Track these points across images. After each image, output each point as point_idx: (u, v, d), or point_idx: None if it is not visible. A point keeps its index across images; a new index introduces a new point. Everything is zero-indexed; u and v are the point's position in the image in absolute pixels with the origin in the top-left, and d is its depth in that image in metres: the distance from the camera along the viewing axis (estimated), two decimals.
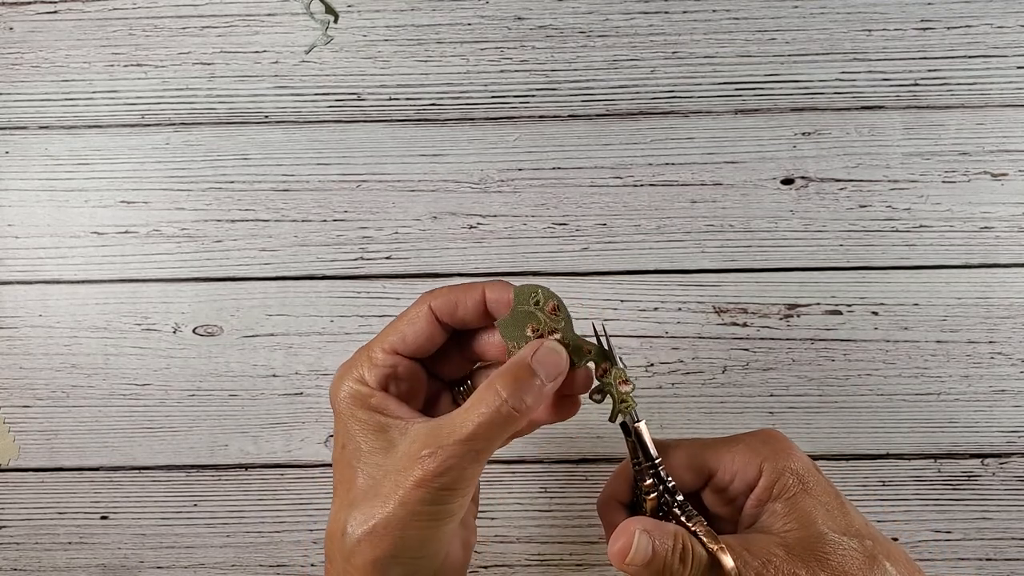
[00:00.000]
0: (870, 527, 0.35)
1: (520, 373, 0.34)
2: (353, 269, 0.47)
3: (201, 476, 0.48)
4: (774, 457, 0.35)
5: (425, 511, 0.33)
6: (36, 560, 0.48)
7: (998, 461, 0.47)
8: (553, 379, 0.34)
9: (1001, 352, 0.46)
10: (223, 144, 0.48)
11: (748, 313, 0.47)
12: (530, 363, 0.34)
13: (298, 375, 0.47)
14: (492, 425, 0.33)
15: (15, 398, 0.48)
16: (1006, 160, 0.47)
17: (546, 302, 0.36)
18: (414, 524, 0.33)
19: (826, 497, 0.35)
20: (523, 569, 0.47)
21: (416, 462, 0.33)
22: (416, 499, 0.33)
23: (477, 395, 0.34)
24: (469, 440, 0.33)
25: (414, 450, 0.33)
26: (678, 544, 0.33)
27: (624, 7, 0.47)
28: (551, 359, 0.34)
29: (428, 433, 0.33)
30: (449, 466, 0.32)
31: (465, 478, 0.33)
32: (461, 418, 0.33)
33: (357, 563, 0.33)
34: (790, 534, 0.34)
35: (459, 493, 0.33)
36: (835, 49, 0.47)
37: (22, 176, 0.48)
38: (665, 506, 0.35)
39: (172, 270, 0.48)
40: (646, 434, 0.36)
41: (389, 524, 0.33)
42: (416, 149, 0.47)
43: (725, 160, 0.47)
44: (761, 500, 0.35)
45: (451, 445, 0.33)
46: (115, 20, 0.48)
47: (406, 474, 0.33)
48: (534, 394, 0.33)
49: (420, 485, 0.33)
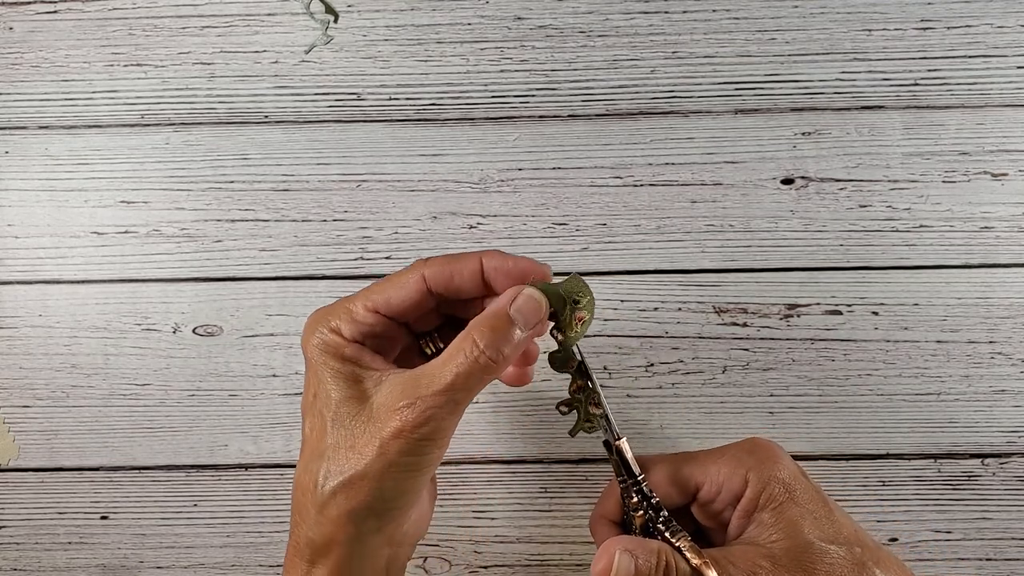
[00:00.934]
0: (860, 533, 0.34)
1: (498, 323, 0.33)
2: (353, 269, 0.47)
3: (201, 476, 0.48)
4: (759, 467, 0.35)
5: (403, 462, 0.33)
6: (36, 560, 0.48)
7: (998, 461, 0.47)
8: (531, 327, 0.34)
9: (1001, 352, 0.46)
10: (223, 144, 0.48)
11: (748, 313, 0.47)
12: (508, 312, 0.34)
13: (298, 375, 0.47)
14: (470, 375, 0.33)
15: (15, 398, 0.48)
16: (1006, 160, 0.47)
17: (582, 308, 0.36)
18: (391, 475, 0.33)
19: (813, 505, 0.34)
20: (523, 569, 0.47)
21: (394, 413, 0.33)
22: (395, 450, 0.32)
23: (455, 345, 0.33)
24: (448, 390, 0.32)
25: (391, 401, 0.33)
26: (661, 561, 0.33)
27: (624, 7, 0.47)
28: (530, 306, 0.34)
29: (405, 384, 0.33)
30: (428, 416, 0.32)
31: (444, 428, 0.33)
32: (439, 369, 0.33)
33: (331, 514, 0.33)
34: (776, 544, 0.33)
35: (437, 444, 0.33)
36: (835, 49, 0.47)
37: (22, 176, 0.48)
38: (650, 522, 0.35)
39: (172, 270, 0.48)
40: (628, 452, 0.36)
41: (366, 475, 0.33)
42: (416, 149, 0.47)
43: (725, 160, 0.47)
44: (747, 511, 0.35)
45: (430, 396, 0.32)
46: (115, 20, 0.48)
47: (383, 425, 0.33)
48: (512, 344, 0.33)
49: (398, 436, 0.32)
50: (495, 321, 0.33)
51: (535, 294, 0.34)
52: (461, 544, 0.47)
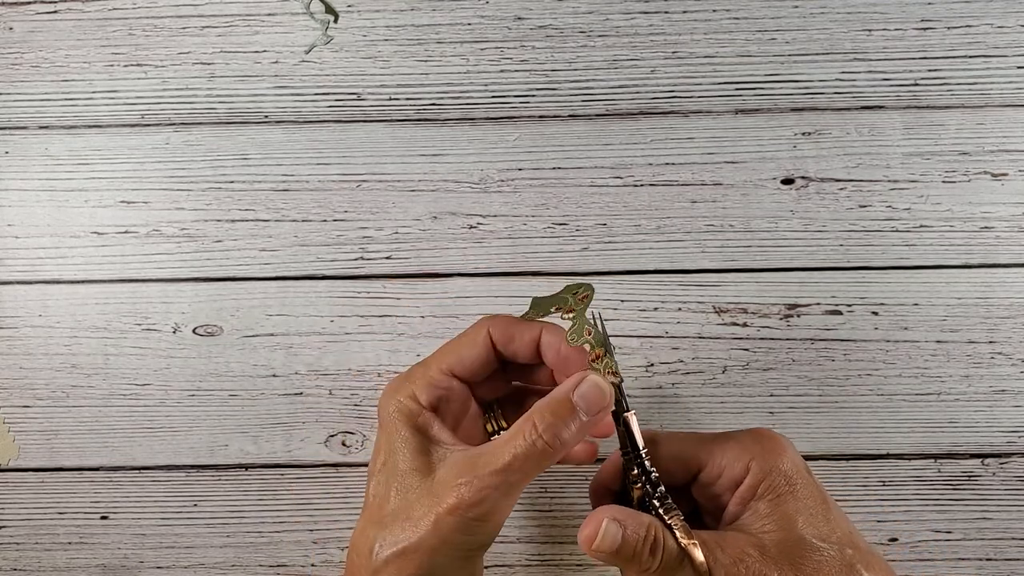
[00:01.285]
0: (854, 536, 0.34)
1: (560, 409, 0.34)
2: (353, 269, 0.47)
3: (201, 476, 0.48)
4: (763, 456, 0.35)
5: (456, 540, 0.33)
6: (36, 560, 0.48)
7: (998, 461, 0.47)
8: (594, 414, 0.34)
9: (1001, 352, 0.46)
10: (223, 144, 0.48)
11: (748, 313, 0.47)
12: (571, 398, 0.34)
13: (298, 375, 0.47)
14: (527, 459, 0.33)
15: (15, 398, 0.48)
16: (1006, 160, 0.47)
17: (583, 291, 0.36)
18: (443, 551, 0.33)
19: (811, 501, 0.34)
20: (523, 569, 0.47)
21: (452, 489, 0.33)
22: (448, 526, 0.33)
23: (516, 427, 0.34)
24: (503, 471, 0.33)
25: (451, 477, 0.33)
26: (650, 535, 0.33)
27: (624, 7, 0.47)
28: (593, 394, 0.34)
29: (465, 461, 0.34)
30: (483, 496, 0.33)
31: (498, 509, 0.33)
32: (499, 449, 0.33)
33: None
34: (768, 535, 0.33)
35: (491, 524, 0.34)
36: (835, 49, 0.47)
37: (22, 176, 0.48)
38: (647, 497, 0.35)
39: (172, 270, 0.48)
40: (634, 424, 0.36)
41: (419, 549, 0.33)
42: (416, 149, 0.47)
43: (725, 160, 0.47)
44: (745, 498, 0.35)
45: (487, 475, 0.33)
46: (115, 20, 0.48)
47: (440, 500, 0.33)
48: (572, 431, 0.33)
49: (453, 512, 0.33)
50: (557, 407, 0.34)
51: (600, 383, 0.34)
52: None
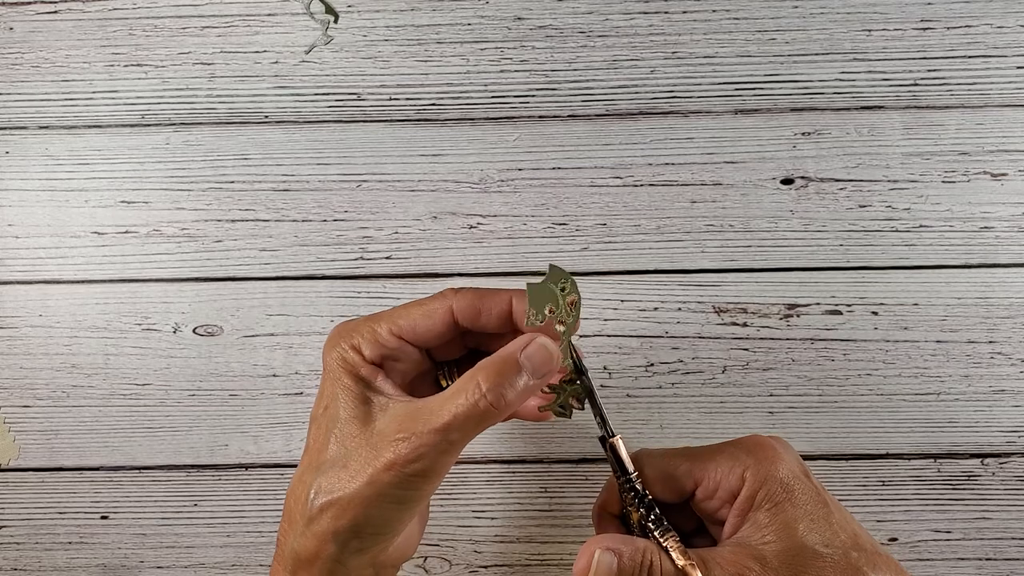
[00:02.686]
0: (859, 537, 0.34)
1: (505, 368, 0.33)
2: (353, 269, 0.47)
3: (201, 476, 0.48)
4: (757, 466, 0.34)
5: (391, 494, 0.33)
6: (36, 560, 0.48)
7: (998, 461, 0.47)
8: (540, 376, 0.34)
9: (1001, 352, 0.46)
10: (223, 144, 0.48)
11: (748, 313, 0.47)
12: (518, 358, 0.33)
13: (298, 375, 0.47)
14: (468, 418, 0.32)
15: (15, 398, 0.48)
16: (1006, 160, 0.47)
17: (569, 293, 0.35)
18: (377, 504, 0.33)
19: (811, 506, 0.33)
20: (523, 569, 0.47)
21: (390, 444, 0.32)
22: (384, 481, 0.32)
23: (459, 384, 0.33)
24: (443, 430, 0.32)
25: (390, 430, 0.33)
26: (646, 560, 0.32)
27: (624, 7, 0.47)
28: (541, 355, 0.34)
29: (406, 415, 0.33)
30: (420, 454, 0.32)
31: (436, 467, 0.33)
32: (440, 406, 0.33)
33: (316, 530, 0.33)
34: (768, 546, 0.33)
35: (428, 480, 0.33)
36: (835, 49, 0.47)
37: (22, 176, 0.48)
38: (642, 519, 0.35)
39: (172, 270, 0.48)
40: (622, 449, 0.36)
41: (354, 500, 0.33)
42: (416, 149, 0.47)
43: (725, 160, 0.47)
44: (743, 510, 0.34)
45: (425, 433, 0.32)
46: (115, 20, 0.48)
47: (378, 454, 0.33)
48: (516, 391, 0.33)
49: (390, 468, 0.32)
50: (502, 366, 0.33)
51: (548, 344, 0.34)
52: (461, 544, 0.47)
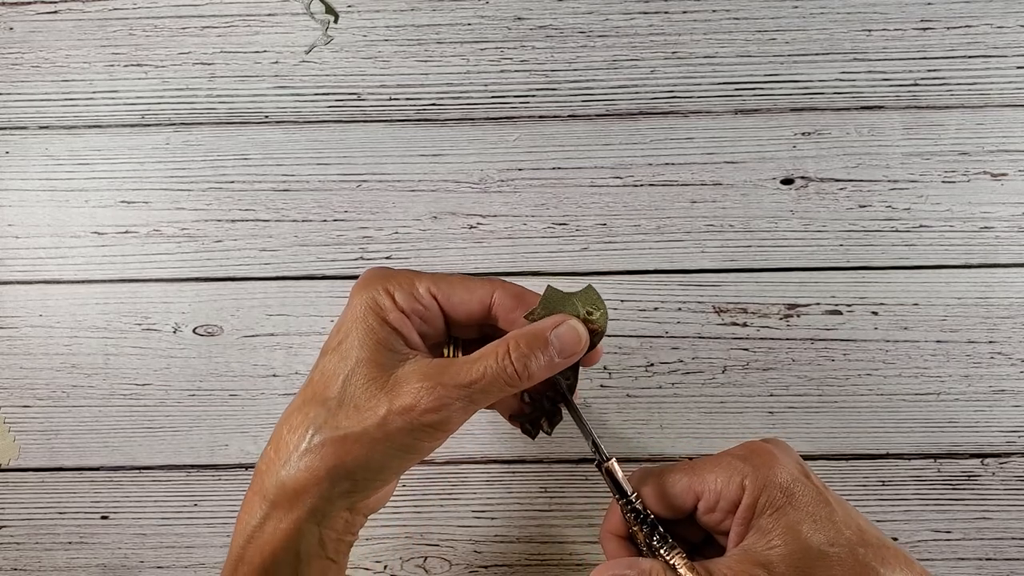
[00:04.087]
0: (865, 532, 0.34)
1: (535, 341, 0.34)
2: (353, 269, 0.47)
3: (201, 476, 0.48)
4: (755, 473, 0.34)
5: (400, 441, 0.33)
6: (36, 560, 0.48)
7: (998, 461, 0.47)
8: (566, 356, 0.34)
9: (1001, 352, 0.46)
10: (223, 144, 0.48)
11: (748, 313, 0.47)
12: (548, 335, 0.34)
13: (298, 375, 0.47)
14: (494, 380, 0.33)
15: (15, 398, 0.48)
16: (1006, 160, 0.47)
17: (597, 320, 0.36)
18: (383, 448, 0.33)
19: (814, 507, 0.33)
20: (523, 569, 0.47)
21: (410, 390, 0.33)
22: (396, 426, 0.33)
23: (487, 349, 0.34)
24: (469, 386, 0.33)
25: (412, 379, 0.33)
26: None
27: (624, 7, 0.47)
28: (570, 337, 0.34)
29: (431, 368, 0.34)
30: (442, 404, 0.33)
31: (451, 422, 0.33)
32: (468, 365, 0.33)
33: (311, 463, 0.33)
34: (774, 552, 0.33)
35: (438, 434, 0.34)
36: (835, 49, 0.47)
37: (22, 176, 0.48)
38: (647, 538, 0.35)
39: (172, 270, 0.48)
40: (618, 472, 0.36)
41: (360, 439, 0.33)
42: (416, 149, 0.47)
43: (725, 160, 0.47)
44: (746, 518, 0.34)
45: (452, 386, 0.33)
46: (115, 20, 0.48)
47: (395, 397, 0.33)
48: (540, 364, 0.34)
49: (406, 412, 0.33)
50: (532, 339, 0.34)
51: (579, 328, 0.35)
52: (461, 544, 0.47)
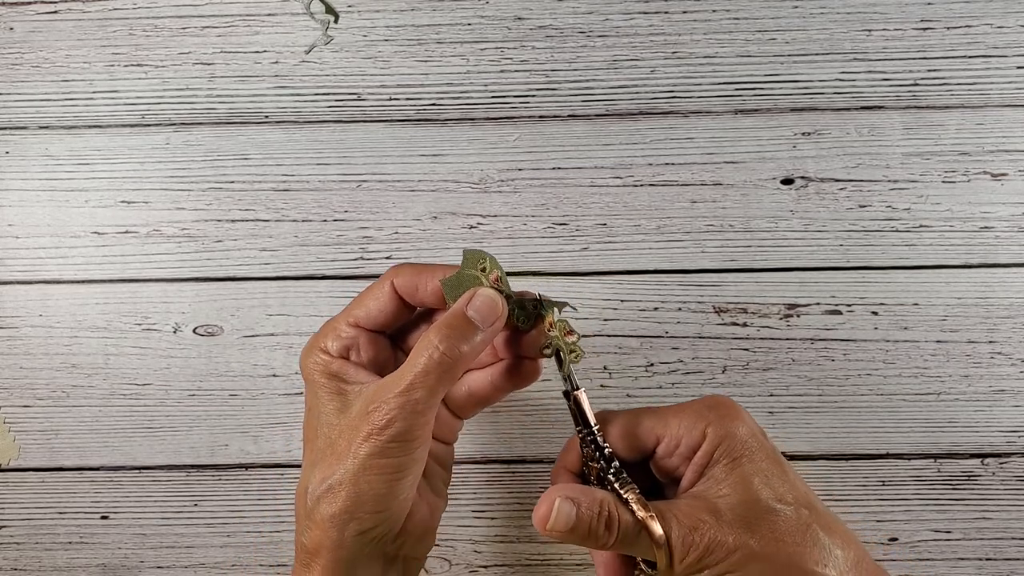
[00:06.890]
0: (811, 497, 0.35)
1: (455, 321, 0.35)
2: (353, 269, 0.47)
3: (201, 476, 0.48)
4: (718, 422, 0.35)
5: (375, 464, 0.34)
6: (36, 560, 0.48)
7: (998, 461, 0.47)
8: (490, 324, 0.35)
9: (1001, 352, 0.46)
10: (223, 144, 0.48)
11: (748, 313, 0.47)
12: (464, 311, 0.35)
13: (298, 375, 0.47)
14: (428, 374, 0.34)
15: (15, 398, 0.48)
16: (1006, 160, 0.47)
17: (491, 271, 0.36)
18: (366, 478, 0.34)
19: (767, 464, 0.35)
20: (523, 569, 0.47)
21: (364, 418, 0.34)
22: (364, 452, 0.34)
23: (416, 348, 0.35)
24: (407, 391, 0.34)
25: (363, 407, 0.34)
26: (603, 510, 0.33)
27: (624, 7, 0.47)
28: (487, 305, 0.35)
29: (376, 390, 0.35)
30: (391, 418, 0.33)
31: (411, 429, 0.34)
32: (401, 372, 0.34)
33: (316, 519, 0.34)
34: (723, 499, 0.34)
35: (408, 446, 0.34)
36: (835, 49, 0.47)
37: (22, 176, 0.48)
38: (602, 472, 0.35)
39: (172, 270, 0.48)
40: (585, 402, 0.36)
41: (343, 480, 0.34)
42: (416, 149, 0.47)
43: (725, 160, 0.47)
44: (701, 465, 0.35)
45: (391, 398, 0.34)
46: (115, 20, 0.48)
47: (357, 431, 0.34)
48: (469, 341, 0.34)
49: (367, 439, 0.34)
50: (452, 320, 0.35)
51: (492, 294, 0.36)
52: (461, 544, 0.47)
